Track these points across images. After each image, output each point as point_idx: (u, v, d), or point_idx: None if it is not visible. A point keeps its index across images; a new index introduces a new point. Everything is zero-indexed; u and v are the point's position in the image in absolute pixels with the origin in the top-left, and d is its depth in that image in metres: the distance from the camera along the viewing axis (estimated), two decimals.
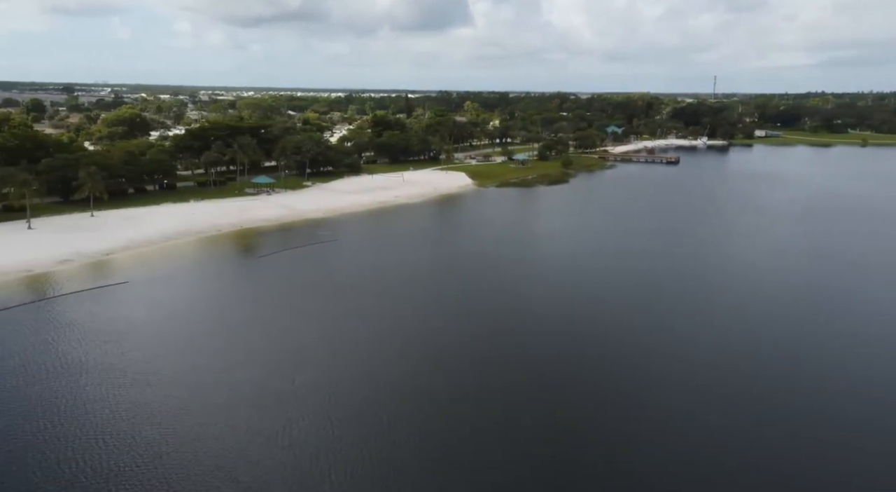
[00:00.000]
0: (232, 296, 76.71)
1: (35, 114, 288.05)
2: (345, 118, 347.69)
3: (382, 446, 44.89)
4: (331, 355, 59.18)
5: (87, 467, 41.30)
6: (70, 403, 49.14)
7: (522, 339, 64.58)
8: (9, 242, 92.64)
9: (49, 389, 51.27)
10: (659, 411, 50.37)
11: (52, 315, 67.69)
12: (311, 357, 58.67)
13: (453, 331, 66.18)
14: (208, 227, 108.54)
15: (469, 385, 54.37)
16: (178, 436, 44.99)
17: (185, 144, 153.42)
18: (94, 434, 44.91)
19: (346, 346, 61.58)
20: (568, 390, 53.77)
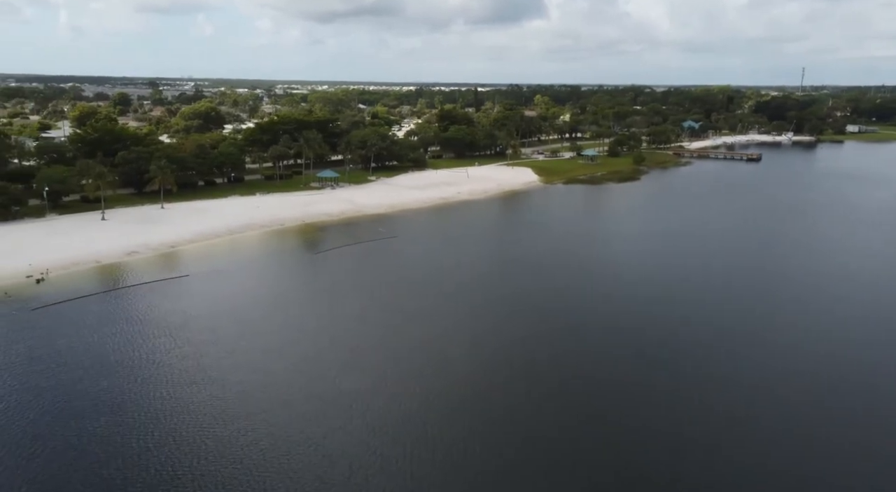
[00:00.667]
0: (286, 293, 76.38)
1: (121, 107, 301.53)
2: (414, 112, 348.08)
3: (441, 449, 43.21)
4: (382, 356, 57.57)
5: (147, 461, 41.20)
6: (117, 398, 49.40)
7: (586, 344, 61.11)
8: (83, 233, 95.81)
9: (99, 384, 51.80)
10: (753, 428, 46.22)
11: (112, 307, 68.99)
12: (363, 358, 57.22)
13: (512, 334, 63.45)
14: (271, 221, 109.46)
15: (530, 389, 51.88)
16: (224, 437, 44.31)
17: (255, 137, 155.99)
18: (143, 432, 44.84)
19: (397, 346, 59.88)
20: (637, 400, 50.23)
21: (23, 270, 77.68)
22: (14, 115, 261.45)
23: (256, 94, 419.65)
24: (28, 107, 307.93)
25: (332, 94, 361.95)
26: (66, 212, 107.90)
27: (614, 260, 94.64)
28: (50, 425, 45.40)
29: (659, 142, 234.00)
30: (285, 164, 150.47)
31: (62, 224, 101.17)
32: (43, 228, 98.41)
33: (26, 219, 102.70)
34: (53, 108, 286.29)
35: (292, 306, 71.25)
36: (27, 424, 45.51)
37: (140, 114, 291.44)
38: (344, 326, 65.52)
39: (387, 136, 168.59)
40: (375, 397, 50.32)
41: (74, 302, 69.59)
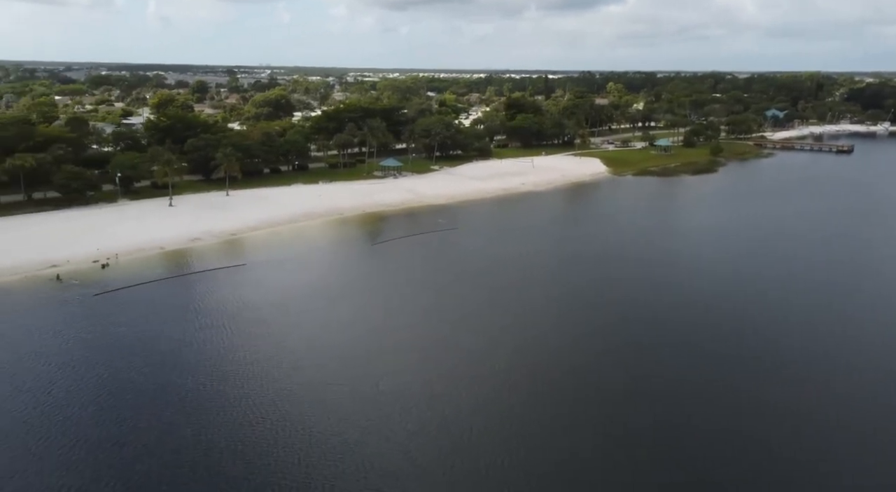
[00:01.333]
0: (341, 285, 75.23)
1: (199, 95, 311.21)
2: (482, 100, 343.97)
3: (510, 448, 41.10)
4: (435, 352, 55.59)
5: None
6: (160, 388, 49.33)
7: (647, 346, 57.19)
8: (151, 219, 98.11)
9: (142, 371, 51.97)
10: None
11: (168, 295, 69.72)
12: (414, 353, 55.43)
13: (573, 331, 60.20)
14: (331, 210, 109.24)
15: (598, 391, 49.20)
16: (266, 432, 43.41)
17: (321, 125, 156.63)
18: (190, 420, 44.51)
19: (450, 342, 57.74)
20: (720, 404, 46.39)
21: (91, 255, 79.84)
22: (100, 102, 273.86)
23: (327, 82, 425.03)
24: (114, 94, 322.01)
25: (400, 82, 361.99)
26: (137, 197, 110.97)
27: (685, 259, 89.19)
28: (93, 417, 45.73)
29: (739, 132, 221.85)
30: (350, 152, 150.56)
31: (132, 209, 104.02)
32: (114, 213, 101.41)
33: (100, 204, 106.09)
34: (136, 96, 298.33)
35: (346, 299, 70.03)
36: (71, 417, 46.04)
37: (216, 101, 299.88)
38: (399, 320, 63.85)
39: (451, 124, 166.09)
40: (426, 394, 48.37)
41: (134, 288, 70.78)
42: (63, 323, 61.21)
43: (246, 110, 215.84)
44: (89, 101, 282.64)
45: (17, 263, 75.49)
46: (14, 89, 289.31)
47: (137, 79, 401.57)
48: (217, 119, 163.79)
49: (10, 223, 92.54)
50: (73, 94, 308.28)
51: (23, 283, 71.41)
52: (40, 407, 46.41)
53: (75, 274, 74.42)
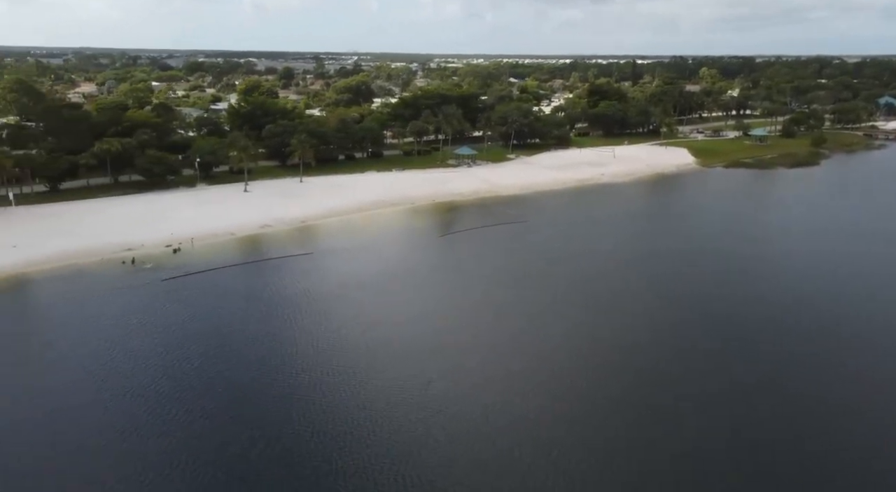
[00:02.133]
0: (403, 278, 73.23)
1: (285, 81, 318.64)
2: (566, 86, 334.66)
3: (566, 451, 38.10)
4: (491, 353, 52.81)
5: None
6: (215, 376, 48.94)
7: (729, 355, 52.11)
8: (225, 205, 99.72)
9: (192, 361, 51.81)
10: None
11: (233, 282, 69.80)
12: (475, 354, 52.82)
13: (640, 337, 55.84)
14: (402, 198, 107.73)
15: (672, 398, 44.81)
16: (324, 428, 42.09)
17: (398, 111, 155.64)
18: (246, 409, 43.84)
19: (510, 341, 54.72)
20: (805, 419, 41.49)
21: (165, 240, 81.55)
22: (193, 88, 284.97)
23: (410, 68, 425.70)
24: (207, 80, 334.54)
25: (482, 68, 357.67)
26: (215, 182, 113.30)
27: (780, 260, 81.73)
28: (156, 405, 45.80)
29: (846, 121, 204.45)
30: (426, 139, 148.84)
31: (208, 195, 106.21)
32: (191, 197, 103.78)
33: (180, 188, 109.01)
34: (227, 82, 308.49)
35: (407, 293, 68.14)
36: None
37: (301, 88, 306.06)
38: (463, 317, 61.39)
39: (529, 111, 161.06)
40: (491, 394, 45.74)
41: (201, 275, 71.47)
42: (129, 308, 62.25)
43: (327, 96, 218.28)
44: (183, 87, 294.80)
45: (96, 246, 78.01)
46: (117, 76, 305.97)
47: (230, 65, 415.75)
48: (295, 105, 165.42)
49: (94, 206, 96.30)
50: (169, 81, 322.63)
51: (99, 265, 73.56)
52: (98, 393, 46.99)
53: (148, 258, 76.14)
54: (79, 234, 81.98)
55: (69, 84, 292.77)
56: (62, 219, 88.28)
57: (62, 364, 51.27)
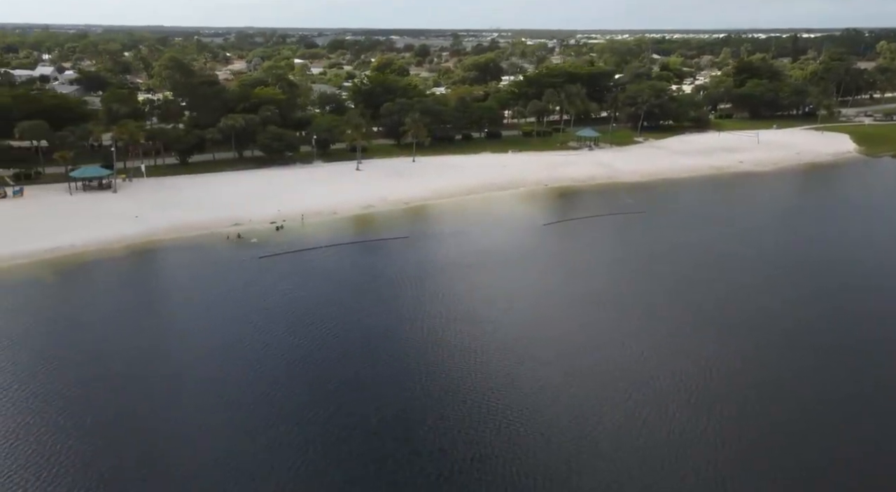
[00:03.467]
0: (492, 269, 69.15)
1: (419, 58, 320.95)
2: (714, 63, 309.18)
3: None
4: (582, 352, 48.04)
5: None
6: (289, 360, 48.24)
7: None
8: (335, 183, 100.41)
9: (265, 341, 51.35)
10: None
11: (325, 264, 69.40)
12: (568, 350, 48.39)
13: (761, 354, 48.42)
14: (513, 182, 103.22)
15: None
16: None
17: (522, 90, 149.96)
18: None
19: (602, 345, 49.55)
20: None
21: (271, 216, 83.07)
22: (331, 66, 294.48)
23: (546, 45, 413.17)
24: (345, 58, 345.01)
25: (622, 44, 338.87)
26: (332, 160, 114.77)
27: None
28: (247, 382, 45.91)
29: None
30: (548, 120, 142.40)
31: (322, 172, 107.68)
32: (305, 174, 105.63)
33: (297, 164, 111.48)
34: (364, 60, 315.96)
35: (489, 285, 64.20)
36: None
37: (433, 65, 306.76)
38: (548, 316, 56.80)
39: (664, 90, 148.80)
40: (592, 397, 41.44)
41: (297, 254, 71.74)
42: (223, 285, 63.59)
43: (455, 74, 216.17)
44: (324, 64, 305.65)
45: (208, 219, 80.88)
46: (264, 54, 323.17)
47: (370, 43, 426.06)
48: (418, 83, 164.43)
49: (214, 179, 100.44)
50: (312, 58, 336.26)
51: (207, 239, 76.02)
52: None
53: (253, 233, 77.80)
54: (195, 207, 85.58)
55: (223, 62, 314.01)
56: (183, 192, 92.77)
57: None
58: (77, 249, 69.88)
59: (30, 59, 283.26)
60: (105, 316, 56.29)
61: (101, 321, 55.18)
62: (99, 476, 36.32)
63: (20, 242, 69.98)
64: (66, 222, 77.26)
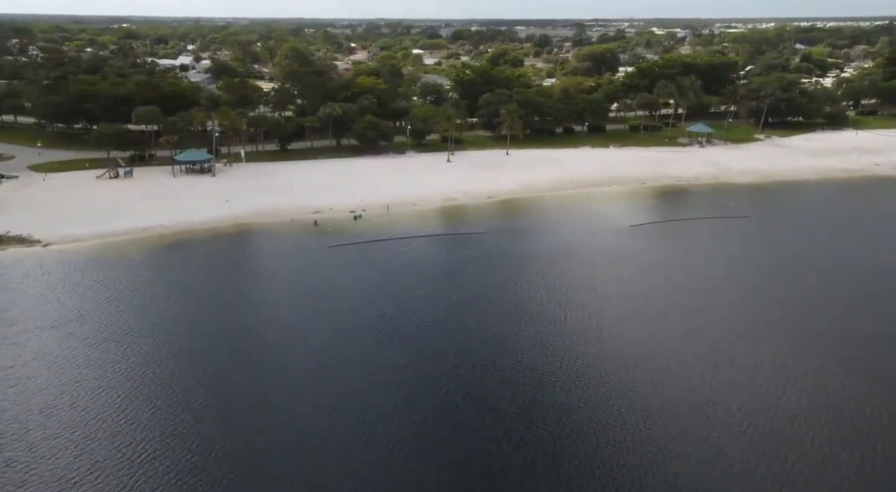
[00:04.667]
0: (563, 272, 65.08)
1: (537, 49, 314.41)
2: (869, 53, 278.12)
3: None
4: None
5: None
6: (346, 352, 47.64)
7: None
8: (423, 174, 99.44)
9: (321, 334, 50.90)
10: None
11: (391, 256, 68.22)
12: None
13: None
14: (608, 178, 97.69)
15: None
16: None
17: (632, 82, 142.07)
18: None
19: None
20: None
21: (352, 205, 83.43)
22: (450, 56, 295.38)
23: (675, 34, 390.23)
24: (465, 48, 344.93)
25: (758, 33, 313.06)
26: (426, 150, 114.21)
27: None
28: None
29: None
30: (660, 114, 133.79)
31: (413, 162, 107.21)
32: (395, 164, 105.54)
33: (391, 154, 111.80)
34: (481, 50, 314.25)
35: (562, 289, 60.30)
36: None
37: (552, 55, 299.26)
38: (619, 327, 52.45)
39: (794, 83, 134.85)
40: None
41: (365, 245, 71.24)
42: (284, 272, 64.37)
43: (568, 65, 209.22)
44: (443, 54, 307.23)
45: (291, 206, 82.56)
46: (385, 44, 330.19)
47: (492, 33, 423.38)
48: (527, 74, 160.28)
49: (308, 166, 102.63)
50: (432, 49, 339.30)
51: (285, 225, 77.49)
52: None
53: (331, 222, 78.42)
54: (283, 193, 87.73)
55: (346, 52, 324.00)
56: (276, 178, 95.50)
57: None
58: (166, 230, 73.47)
59: (174, 49, 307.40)
60: (173, 293, 58.33)
61: (175, 297, 57.24)
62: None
63: (117, 220, 74.65)
64: (162, 203, 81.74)
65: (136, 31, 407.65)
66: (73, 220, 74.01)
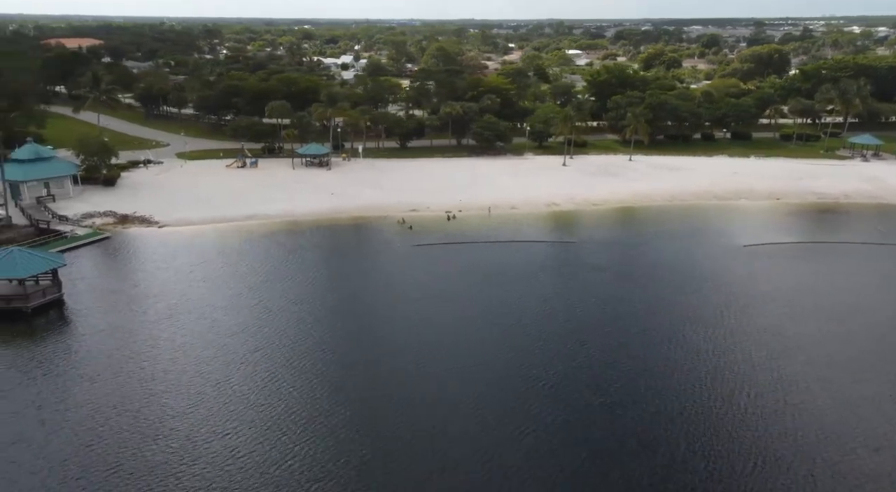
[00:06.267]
0: (652, 291, 59.15)
1: (702, 49, 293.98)
2: None
3: None
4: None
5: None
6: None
7: None
8: (532, 177, 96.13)
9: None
10: None
11: (470, 259, 66.05)
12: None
13: None
14: (736, 191, 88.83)
15: None
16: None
17: (792, 85, 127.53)
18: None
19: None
20: None
21: (450, 205, 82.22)
22: (605, 57, 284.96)
23: (870, 33, 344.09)
24: (621, 49, 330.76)
25: None
26: (545, 152, 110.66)
27: None
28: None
29: None
30: (823, 122, 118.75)
31: (527, 165, 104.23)
32: (508, 166, 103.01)
33: (507, 155, 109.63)
34: (637, 51, 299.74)
35: (642, 311, 54.94)
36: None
37: (721, 56, 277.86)
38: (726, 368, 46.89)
39: None
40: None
41: (450, 246, 69.86)
42: (364, 269, 64.85)
43: (728, 67, 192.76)
44: (598, 55, 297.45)
45: (391, 203, 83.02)
46: (540, 44, 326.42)
47: (658, 33, 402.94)
48: (702, 75, 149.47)
49: (421, 164, 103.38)
50: (588, 49, 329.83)
51: (381, 221, 78.08)
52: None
53: (423, 221, 77.95)
54: (388, 189, 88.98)
55: (501, 52, 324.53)
56: (387, 174, 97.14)
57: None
58: (267, 219, 77.12)
59: (340, 48, 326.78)
60: (239, 280, 60.98)
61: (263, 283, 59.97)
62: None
63: (228, 207, 79.73)
64: (273, 194, 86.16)
65: (313, 32, 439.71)
66: (191, 205, 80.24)
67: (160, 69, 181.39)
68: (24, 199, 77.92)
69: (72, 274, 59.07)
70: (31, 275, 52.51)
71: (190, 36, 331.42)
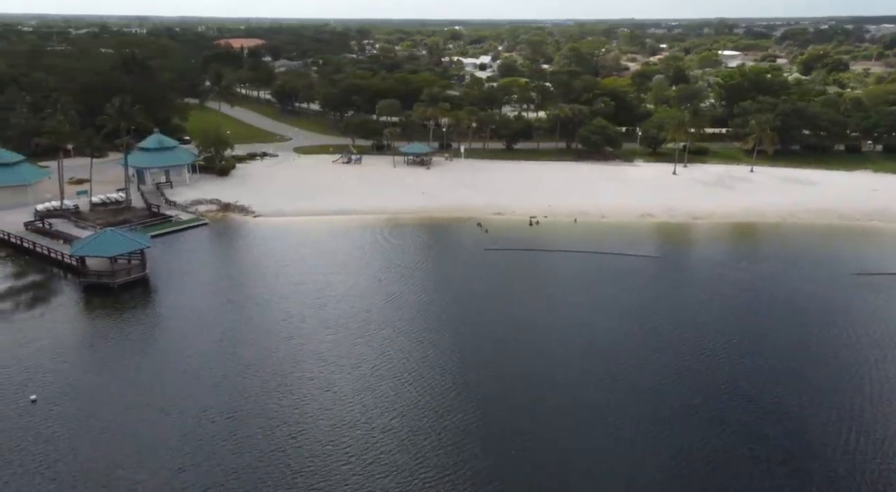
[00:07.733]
0: (729, 321, 53.51)
1: (883, 50, 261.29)
2: None
3: None
4: None
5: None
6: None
7: None
8: (634, 185, 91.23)
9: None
10: None
11: (549, 268, 64.05)
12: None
13: None
14: (869, 212, 79.07)
15: None
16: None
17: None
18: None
19: None
20: None
21: (536, 210, 79.66)
22: (763, 58, 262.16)
23: None
24: (782, 50, 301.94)
25: None
26: (656, 159, 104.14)
27: None
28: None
29: None
30: None
31: (634, 172, 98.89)
32: (614, 172, 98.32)
33: (616, 161, 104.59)
34: (798, 52, 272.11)
35: (715, 340, 49.95)
36: None
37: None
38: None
39: None
40: None
41: (524, 253, 67.69)
42: (430, 270, 64.81)
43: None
44: (756, 55, 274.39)
45: (473, 205, 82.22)
46: (691, 45, 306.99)
47: (831, 33, 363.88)
48: (845, 79, 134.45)
49: (520, 167, 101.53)
50: (747, 50, 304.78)
51: (461, 222, 77.43)
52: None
53: (503, 224, 76.41)
54: (480, 191, 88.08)
55: (648, 53, 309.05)
56: (483, 175, 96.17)
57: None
58: (356, 214, 79.22)
59: (481, 48, 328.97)
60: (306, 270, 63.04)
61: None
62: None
63: (323, 201, 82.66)
64: (370, 190, 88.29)
65: (461, 32, 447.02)
66: (289, 197, 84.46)
67: (307, 68, 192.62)
68: (146, 184, 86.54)
69: (163, 256, 64.62)
70: (118, 254, 58.11)
71: (344, 37, 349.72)
